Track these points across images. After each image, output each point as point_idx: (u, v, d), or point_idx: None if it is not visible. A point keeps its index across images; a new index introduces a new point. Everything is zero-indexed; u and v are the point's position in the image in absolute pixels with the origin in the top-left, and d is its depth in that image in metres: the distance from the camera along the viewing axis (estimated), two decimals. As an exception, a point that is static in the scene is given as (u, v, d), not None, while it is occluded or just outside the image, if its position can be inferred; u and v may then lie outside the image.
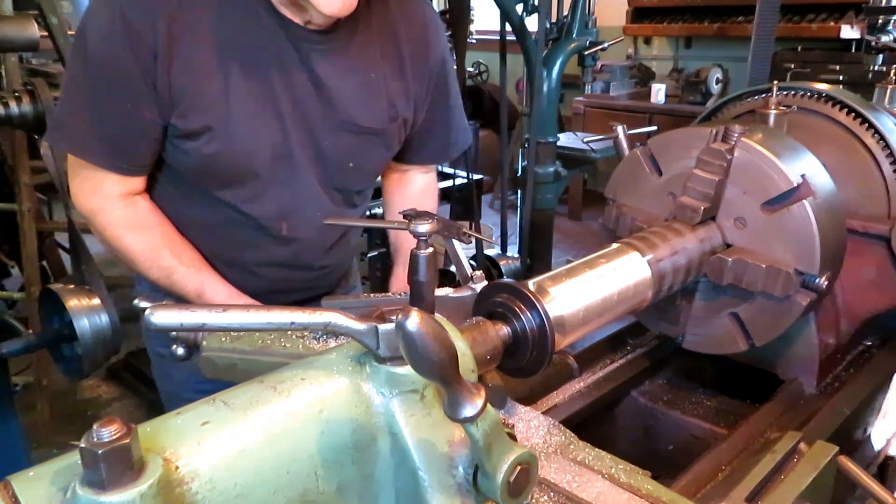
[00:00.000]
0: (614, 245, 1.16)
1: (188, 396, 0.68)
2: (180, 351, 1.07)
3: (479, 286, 1.06)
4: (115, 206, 1.43)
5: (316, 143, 1.46)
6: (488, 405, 0.62)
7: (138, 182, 1.45)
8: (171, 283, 1.47)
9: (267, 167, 1.42)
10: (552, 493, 0.89)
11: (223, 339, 1.01)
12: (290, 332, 0.97)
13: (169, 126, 1.36)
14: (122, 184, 1.42)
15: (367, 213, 3.22)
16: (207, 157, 1.37)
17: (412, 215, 0.98)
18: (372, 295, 1.38)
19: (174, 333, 1.04)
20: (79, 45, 1.34)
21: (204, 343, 1.02)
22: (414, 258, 0.97)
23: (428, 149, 1.72)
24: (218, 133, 1.35)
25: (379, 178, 1.82)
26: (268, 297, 1.58)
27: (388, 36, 1.50)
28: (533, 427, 1.03)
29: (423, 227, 0.95)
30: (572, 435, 1.02)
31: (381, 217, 3.19)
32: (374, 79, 1.48)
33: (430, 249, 0.97)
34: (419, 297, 0.98)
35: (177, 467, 0.57)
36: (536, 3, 3.14)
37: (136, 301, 1.07)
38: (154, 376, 1.75)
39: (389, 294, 1.32)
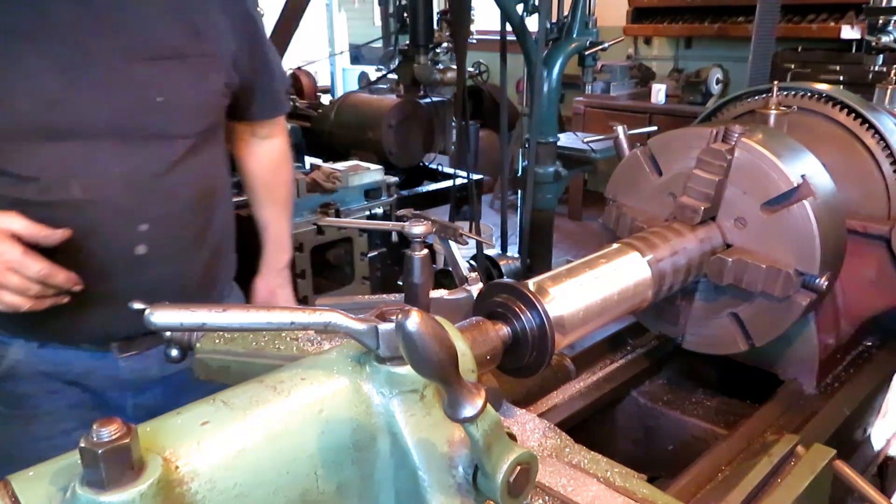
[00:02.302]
0: (614, 245, 1.16)
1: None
2: (174, 353, 1.06)
3: (475, 288, 1.06)
4: None
5: (103, 79, 1.25)
6: (488, 405, 0.62)
7: None
8: None
9: (28, 118, 1.21)
10: (547, 497, 0.89)
11: (217, 340, 1.00)
12: (284, 335, 0.97)
13: None
14: None
15: (368, 213, 3.25)
16: None
17: (408, 216, 0.98)
18: (366, 297, 1.37)
19: (168, 335, 1.04)
20: None
21: (198, 345, 1.02)
22: (409, 260, 0.96)
23: (256, 102, 1.61)
24: None
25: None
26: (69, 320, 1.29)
27: None
28: (528, 430, 1.03)
29: (418, 228, 0.95)
30: (568, 438, 1.02)
31: (380, 218, 3.19)
32: None
33: (425, 251, 0.97)
34: (414, 299, 0.98)
35: (176, 467, 0.57)
36: (537, 3, 3.14)
37: (130, 303, 1.07)
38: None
39: (383, 296, 1.32)
